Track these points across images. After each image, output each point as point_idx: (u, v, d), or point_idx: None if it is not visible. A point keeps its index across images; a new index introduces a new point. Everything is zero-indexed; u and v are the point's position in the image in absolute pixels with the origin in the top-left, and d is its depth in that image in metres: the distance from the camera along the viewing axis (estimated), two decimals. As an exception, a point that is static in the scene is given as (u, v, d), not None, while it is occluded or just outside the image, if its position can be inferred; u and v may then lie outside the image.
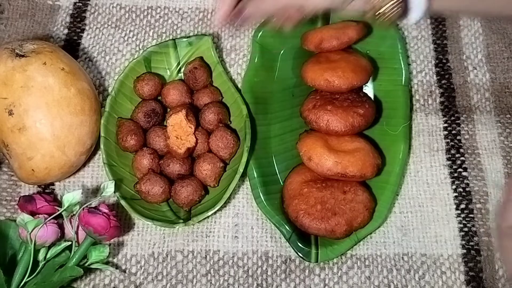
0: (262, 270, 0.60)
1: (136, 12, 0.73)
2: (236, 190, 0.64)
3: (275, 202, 0.62)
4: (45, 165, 0.60)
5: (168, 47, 0.68)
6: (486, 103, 0.68)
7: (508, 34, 0.72)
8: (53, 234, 0.57)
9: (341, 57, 0.65)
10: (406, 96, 0.66)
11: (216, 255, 0.61)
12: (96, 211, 0.57)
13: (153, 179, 0.61)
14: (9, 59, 0.60)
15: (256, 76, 0.67)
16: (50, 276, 0.57)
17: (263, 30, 0.68)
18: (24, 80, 0.59)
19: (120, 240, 0.62)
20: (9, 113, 0.59)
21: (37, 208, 0.59)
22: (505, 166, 0.65)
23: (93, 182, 0.65)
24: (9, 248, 0.59)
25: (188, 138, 0.62)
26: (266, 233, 0.62)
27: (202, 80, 0.66)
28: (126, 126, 0.64)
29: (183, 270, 0.60)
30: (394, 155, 0.63)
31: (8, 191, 0.64)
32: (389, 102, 0.67)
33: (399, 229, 0.62)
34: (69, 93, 0.61)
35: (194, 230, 0.62)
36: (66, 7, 0.74)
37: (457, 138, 0.66)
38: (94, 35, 0.72)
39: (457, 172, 0.65)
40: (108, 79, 0.70)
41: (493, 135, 0.66)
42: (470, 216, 0.63)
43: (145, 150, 0.63)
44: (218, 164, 0.62)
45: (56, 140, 0.60)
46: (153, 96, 0.67)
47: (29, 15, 0.73)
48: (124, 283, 0.60)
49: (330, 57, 0.65)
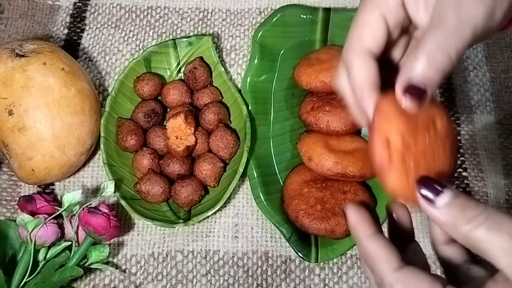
0: (262, 270, 0.60)
1: (136, 12, 0.73)
2: (236, 190, 0.64)
3: (275, 202, 0.62)
4: (45, 165, 0.60)
5: (168, 47, 0.68)
6: (487, 103, 0.68)
7: (508, 34, 0.72)
8: (53, 234, 0.57)
9: (331, 56, 0.65)
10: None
11: (216, 255, 0.61)
12: (96, 211, 0.57)
13: (153, 179, 0.61)
14: (9, 59, 0.60)
15: (256, 76, 0.67)
16: (50, 276, 0.57)
17: (263, 30, 0.68)
18: (24, 80, 0.59)
19: (120, 240, 0.62)
20: (9, 113, 0.59)
21: (37, 208, 0.59)
22: (504, 167, 0.65)
23: (93, 182, 0.65)
24: (9, 248, 0.59)
25: (188, 138, 0.62)
26: (266, 233, 0.62)
27: (202, 80, 0.66)
28: (126, 126, 0.64)
29: (183, 270, 0.60)
30: (394, 155, 0.63)
31: (8, 191, 0.64)
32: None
33: (399, 229, 0.62)
34: (69, 93, 0.61)
35: (194, 230, 0.62)
36: (66, 7, 0.74)
37: (457, 138, 0.66)
38: (94, 35, 0.72)
39: (457, 173, 0.65)
40: (108, 79, 0.70)
41: (493, 136, 0.66)
42: (470, 216, 0.63)
43: (145, 150, 0.63)
44: (218, 164, 0.62)
45: (56, 140, 0.60)
46: (153, 96, 0.67)
47: (29, 15, 0.73)
48: (124, 283, 0.60)
49: (320, 57, 0.65)
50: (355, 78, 0.38)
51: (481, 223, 0.31)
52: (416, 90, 0.35)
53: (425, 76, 0.35)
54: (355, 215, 0.37)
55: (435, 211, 0.33)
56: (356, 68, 0.38)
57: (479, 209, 0.32)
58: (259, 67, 0.68)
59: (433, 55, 0.35)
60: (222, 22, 0.73)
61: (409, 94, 0.35)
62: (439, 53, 0.35)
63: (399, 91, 0.36)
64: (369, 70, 0.38)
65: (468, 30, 0.36)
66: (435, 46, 0.35)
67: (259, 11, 0.73)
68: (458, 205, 0.33)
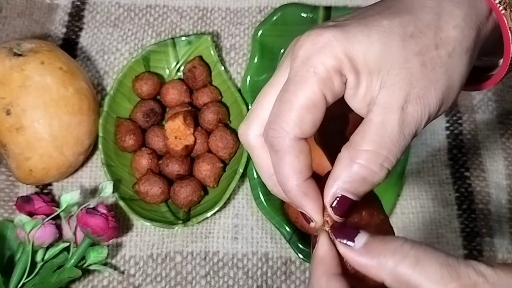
0: (262, 271, 0.60)
1: (134, 11, 0.73)
2: (236, 191, 0.63)
3: (275, 203, 0.61)
4: (43, 165, 0.59)
5: (167, 46, 0.68)
6: (488, 103, 0.68)
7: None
8: (51, 235, 0.57)
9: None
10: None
11: (216, 256, 0.61)
12: (95, 212, 0.57)
13: (152, 180, 0.61)
14: (7, 58, 0.59)
15: (256, 75, 0.67)
16: (48, 277, 0.56)
17: (263, 29, 0.68)
18: (22, 79, 0.58)
19: (119, 241, 0.61)
20: (7, 113, 0.58)
21: (35, 208, 0.58)
22: (506, 167, 0.65)
23: (91, 182, 0.64)
24: (7, 249, 0.59)
25: (187, 138, 0.62)
26: (266, 234, 0.62)
27: (201, 79, 0.66)
28: (125, 126, 0.64)
29: (182, 272, 0.60)
30: (395, 155, 0.63)
31: (6, 191, 0.64)
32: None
33: (401, 230, 0.62)
34: (67, 92, 0.60)
35: (194, 231, 0.62)
36: (65, 6, 0.73)
37: (459, 138, 0.66)
38: (93, 34, 0.72)
39: (459, 172, 0.64)
40: (107, 79, 0.69)
41: (495, 136, 0.66)
42: (472, 216, 0.62)
43: (144, 150, 0.63)
44: (217, 164, 0.62)
45: (54, 140, 0.59)
46: (152, 95, 0.66)
47: (27, 14, 0.73)
48: (123, 284, 0.59)
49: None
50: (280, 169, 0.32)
51: (407, 254, 0.29)
52: (343, 203, 0.31)
53: (355, 188, 0.31)
54: (327, 247, 0.32)
55: (356, 255, 0.30)
56: (287, 153, 0.31)
57: (400, 240, 0.29)
58: (259, 66, 0.67)
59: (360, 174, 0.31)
60: (221, 20, 0.72)
61: (337, 206, 0.31)
62: (372, 165, 0.31)
63: (327, 204, 0.32)
64: (303, 157, 0.32)
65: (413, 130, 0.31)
66: (366, 161, 0.31)
67: (259, 9, 0.73)
68: (378, 240, 0.30)
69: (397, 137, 0.31)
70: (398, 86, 0.31)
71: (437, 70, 0.31)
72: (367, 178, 0.31)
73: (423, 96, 0.31)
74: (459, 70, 0.32)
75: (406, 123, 0.31)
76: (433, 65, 0.31)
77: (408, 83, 0.31)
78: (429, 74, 0.31)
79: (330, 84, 0.31)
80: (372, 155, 0.31)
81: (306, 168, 0.32)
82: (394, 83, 0.31)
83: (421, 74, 0.31)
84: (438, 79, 0.31)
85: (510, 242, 0.61)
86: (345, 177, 0.31)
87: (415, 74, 0.31)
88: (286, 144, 0.31)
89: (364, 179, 0.31)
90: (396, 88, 0.31)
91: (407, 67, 0.31)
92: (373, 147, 0.31)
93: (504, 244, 0.61)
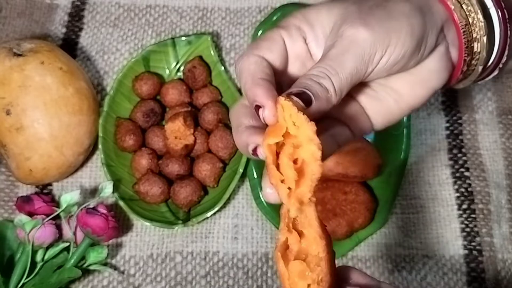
0: (262, 271, 0.60)
1: (134, 11, 0.73)
2: (236, 191, 0.63)
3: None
4: (43, 165, 0.59)
5: (167, 46, 0.68)
6: (488, 102, 0.68)
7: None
8: (51, 235, 0.57)
9: None
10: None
11: (216, 256, 0.60)
12: (95, 212, 0.57)
13: (152, 180, 0.61)
14: (7, 58, 0.59)
15: (256, 76, 0.67)
16: (48, 277, 0.56)
17: (263, 29, 0.68)
18: (21, 79, 0.58)
19: (119, 241, 0.61)
20: (7, 113, 0.58)
21: (35, 208, 0.58)
22: (506, 167, 0.65)
23: (91, 182, 0.64)
24: (7, 249, 0.59)
25: (187, 138, 0.62)
26: (266, 234, 0.62)
27: (201, 79, 0.66)
28: (125, 126, 0.64)
29: (182, 272, 0.60)
30: (396, 155, 0.63)
31: (6, 191, 0.63)
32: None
33: (401, 230, 0.62)
34: (67, 92, 0.60)
35: (193, 231, 0.61)
36: (64, 6, 0.73)
37: (459, 138, 0.66)
38: (93, 34, 0.72)
39: (459, 172, 0.64)
40: (107, 79, 0.69)
41: (494, 136, 0.66)
42: (472, 216, 0.62)
43: (143, 150, 0.63)
44: (217, 164, 0.62)
45: (54, 140, 0.59)
46: (151, 95, 0.66)
47: (27, 14, 0.73)
48: (123, 284, 0.59)
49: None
50: (243, 72, 0.37)
51: None
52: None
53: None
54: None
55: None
56: (247, 64, 0.37)
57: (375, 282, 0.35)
58: (259, 66, 0.67)
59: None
60: (221, 20, 0.72)
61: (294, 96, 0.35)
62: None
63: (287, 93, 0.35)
64: (260, 64, 0.37)
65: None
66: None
67: (259, 9, 0.73)
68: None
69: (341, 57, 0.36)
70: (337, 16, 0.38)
71: (373, 9, 0.37)
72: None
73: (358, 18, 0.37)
74: (399, 15, 0.37)
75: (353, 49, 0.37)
76: (370, 7, 0.38)
77: (344, 11, 0.38)
78: (364, 9, 0.38)
79: (288, 32, 0.39)
80: (326, 67, 0.36)
81: (263, 72, 0.37)
82: (336, 20, 0.38)
83: (357, 9, 0.38)
84: (375, 14, 0.37)
85: (510, 242, 0.61)
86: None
87: (352, 11, 0.38)
88: (251, 55, 0.38)
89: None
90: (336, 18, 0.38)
91: (348, 8, 0.38)
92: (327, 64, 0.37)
93: (504, 244, 0.61)
